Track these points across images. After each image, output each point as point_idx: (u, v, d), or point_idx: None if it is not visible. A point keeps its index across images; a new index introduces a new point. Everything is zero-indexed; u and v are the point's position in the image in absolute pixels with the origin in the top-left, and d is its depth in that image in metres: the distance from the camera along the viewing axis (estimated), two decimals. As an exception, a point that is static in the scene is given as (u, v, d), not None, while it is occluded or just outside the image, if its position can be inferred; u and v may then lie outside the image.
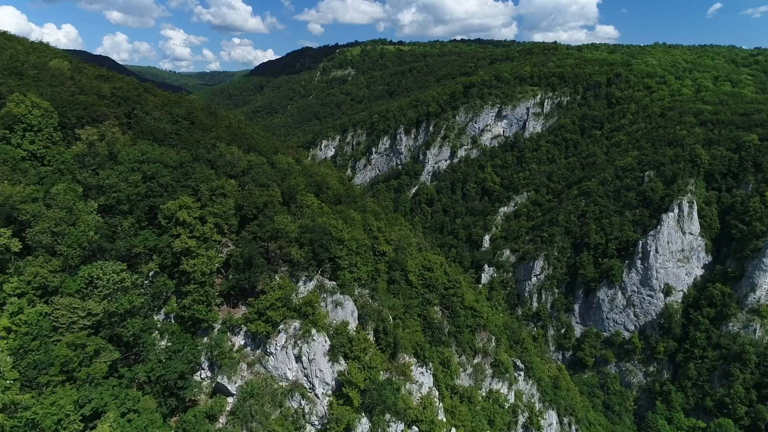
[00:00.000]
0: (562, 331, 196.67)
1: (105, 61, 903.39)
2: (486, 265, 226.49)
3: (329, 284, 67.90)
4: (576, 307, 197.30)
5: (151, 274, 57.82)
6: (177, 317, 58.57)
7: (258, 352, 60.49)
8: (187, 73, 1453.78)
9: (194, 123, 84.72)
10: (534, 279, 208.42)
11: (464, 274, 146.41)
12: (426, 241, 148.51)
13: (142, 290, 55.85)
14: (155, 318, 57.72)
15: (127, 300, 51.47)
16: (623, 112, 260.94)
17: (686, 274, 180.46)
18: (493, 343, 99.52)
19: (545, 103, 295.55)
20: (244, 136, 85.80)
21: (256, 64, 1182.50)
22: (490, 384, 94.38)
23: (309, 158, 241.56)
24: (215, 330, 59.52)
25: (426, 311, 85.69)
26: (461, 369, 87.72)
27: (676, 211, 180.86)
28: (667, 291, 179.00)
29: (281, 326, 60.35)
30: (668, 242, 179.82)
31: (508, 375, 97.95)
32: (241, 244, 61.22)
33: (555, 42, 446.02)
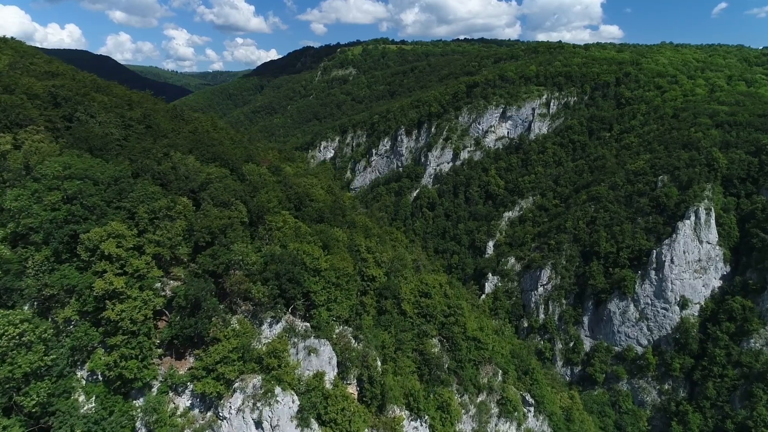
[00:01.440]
0: (571, 344, 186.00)
1: (106, 61, 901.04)
2: (490, 274, 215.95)
3: (301, 326, 55.67)
4: (585, 319, 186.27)
5: (73, 322, 45.69)
6: (104, 375, 46.44)
7: (209, 415, 48.29)
8: (189, 73, 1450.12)
9: (151, 127, 72.78)
10: (540, 289, 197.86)
11: (467, 292, 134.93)
12: (425, 257, 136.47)
13: (57, 342, 43.93)
14: (78, 375, 45.77)
15: (26, 360, 39.63)
16: (633, 113, 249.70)
17: (703, 286, 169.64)
18: (500, 378, 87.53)
19: (551, 104, 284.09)
20: (211, 143, 73.51)
21: (259, 63, 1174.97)
22: (496, 425, 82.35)
23: (308, 160, 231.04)
24: (153, 389, 47.53)
25: (422, 345, 73.70)
26: (463, 411, 75.72)
27: (693, 218, 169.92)
28: (683, 304, 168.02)
29: (237, 384, 48.32)
30: (684, 252, 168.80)
31: (516, 413, 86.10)
32: (186, 282, 49.06)
33: (560, 41, 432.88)
